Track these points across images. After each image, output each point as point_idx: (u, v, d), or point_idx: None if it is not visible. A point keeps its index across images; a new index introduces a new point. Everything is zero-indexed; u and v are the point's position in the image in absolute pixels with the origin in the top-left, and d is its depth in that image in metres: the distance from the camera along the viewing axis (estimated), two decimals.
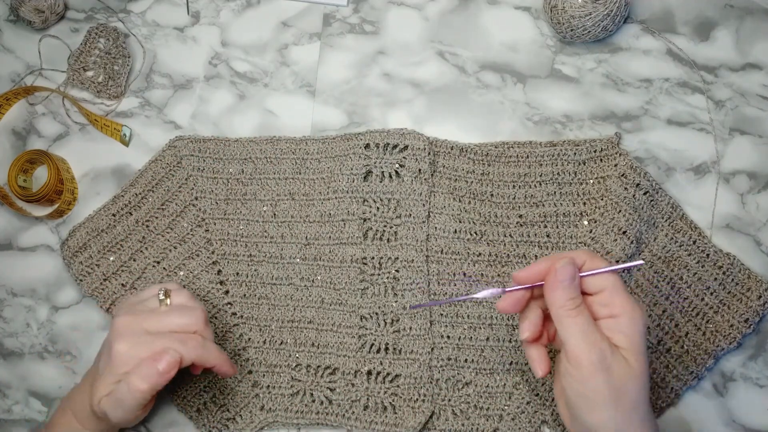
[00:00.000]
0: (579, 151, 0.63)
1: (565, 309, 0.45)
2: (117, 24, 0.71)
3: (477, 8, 0.69)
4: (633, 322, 0.45)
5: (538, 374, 0.50)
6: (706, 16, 0.67)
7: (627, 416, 0.44)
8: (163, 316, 0.54)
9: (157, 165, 0.66)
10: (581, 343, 0.44)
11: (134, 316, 0.54)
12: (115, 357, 0.52)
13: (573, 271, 0.46)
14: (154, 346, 0.52)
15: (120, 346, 0.52)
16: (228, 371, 0.56)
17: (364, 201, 0.63)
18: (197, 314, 0.55)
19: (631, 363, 0.45)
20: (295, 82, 0.69)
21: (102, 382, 0.52)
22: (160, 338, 0.53)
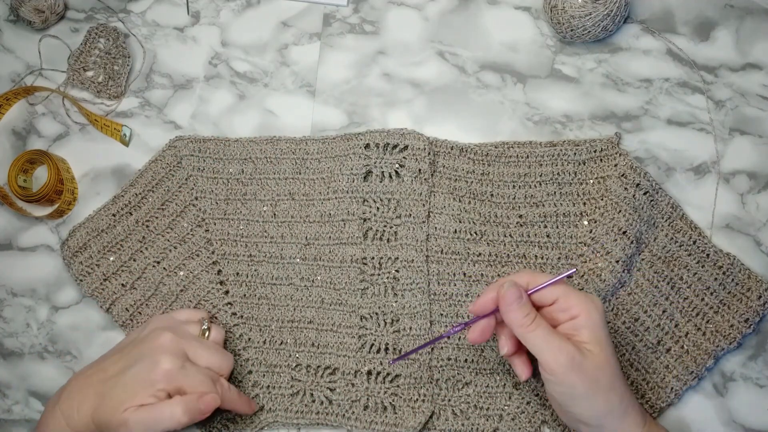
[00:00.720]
0: (579, 151, 0.63)
1: (523, 327, 0.49)
2: (117, 24, 0.71)
3: (477, 8, 0.69)
4: (590, 316, 0.50)
5: (522, 378, 0.55)
6: (706, 16, 0.67)
7: (605, 399, 0.49)
8: (206, 349, 0.56)
9: (157, 165, 0.66)
10: (547, 351, 0.48)
11: (180, 338, 0.55)
12: (159, 372, 0.52)
13: (518, 291, 0.50)
14: (195, 379, 0.53)
15: (167, 362, 0.52)
16: (248, 412, 0.59)
17: (364, 201, 0.63)
18: (230, 360, 0.57)
19: (597, 353, 0.49)
20: (295, 82, 0.69)
21: (131, 391, 0.52)
22: (199, 373, 0.54)
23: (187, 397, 0.52)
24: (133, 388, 0.52)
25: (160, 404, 0.51)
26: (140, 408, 0.51)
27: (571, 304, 0.50)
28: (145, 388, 0.52)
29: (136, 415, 0.51)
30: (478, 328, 0.53)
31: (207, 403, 0.53)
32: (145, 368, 0.52)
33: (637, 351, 0.60)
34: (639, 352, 0.60)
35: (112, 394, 0.52)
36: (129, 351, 0.55)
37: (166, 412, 0.51)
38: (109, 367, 0.54)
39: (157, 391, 0.52)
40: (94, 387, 0.54)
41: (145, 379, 0.52)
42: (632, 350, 0.60)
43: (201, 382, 0.54)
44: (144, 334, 0.56)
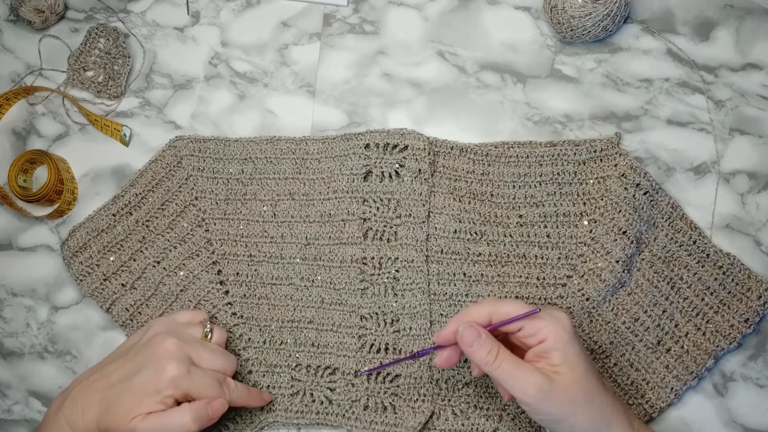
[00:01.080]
0: (579, 151, 0.63)
1: (488, 364, 0.49)
2: (117, 24, 0.71)
3: (477, 8, 0.69)
4: (558, 338, 0.49)
5: (505, 399, 0.56)
6: (706, 16, 0.67)
7: (586, 415, 0.49)
8: (210, 353, 0.55)
9: (157, 165, 0.66)
10: (516, 384, 0.49)
11: (183, 343, 0.54)
12: (165, 378, 0.52)
13: (475, 331, 0.50)
14: (202, 384, 0.53)
15: (173, 369, 0.52)
16: (262, 404, 0.60)
17: (364, 201, 0.63)
18: (234, 361, 0.58)
19: (568, 375, 0.49)
20: (295, 82, 0.69)
21: (138, 398, 0.51)
22: (206, 377, 0.54)
23: (196, 404, 0.52)
24: (139, 395, 0.51)
25: (169, 412, 0.51)
26: (148, 416, 0.51)
27: (537, 327, 0.50)
28: (151, 396, 0.51)
29: (145, 424, 0.51)
30: (444, 355, 0.54)
31: (215, 409, 0.53)
32: (150, 375, 0.52)
33: (637, 351, 0.60)
34: (639, 352, 0.60)
35: (118, 402, 0.52)
36: (133, 356, 0.54)
37: (175, 421, 0.51)
38: (113, 373, 0.54)
39: (164, 398, 0.51)
40: (99, 393, 0.53)
41: (152, 386, 0.52)
42: (632, 350, 0.60)
43: (208, 387, 0.53)
44: (147, 338, 0.56)
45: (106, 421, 0.52)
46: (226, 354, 0.57)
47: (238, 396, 0.56)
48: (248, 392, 0.58)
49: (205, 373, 0.54)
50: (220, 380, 0.55)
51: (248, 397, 0.57)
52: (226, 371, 0.56)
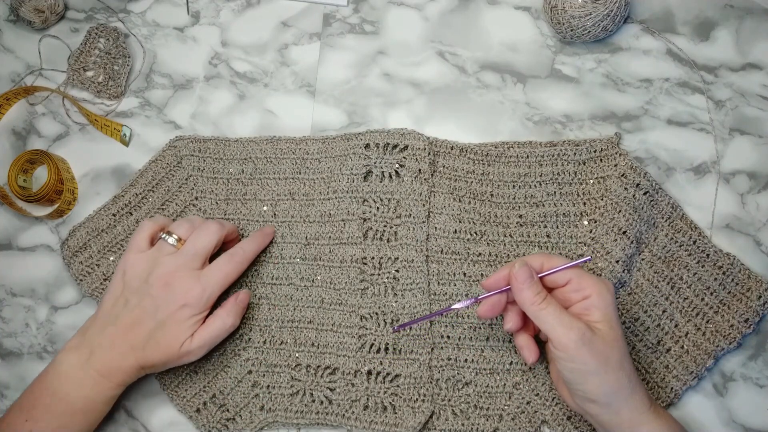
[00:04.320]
0: (579, 151, 0.63)
1: (535, 305, 0.51)
2: (117, 24, 0.71)
3: (477, 8, 0.69)
4: (602, 297, 0.51)
5: (528, 361, 0.56)
6: (706, 16, 0.67)
7: (615, 376, 0.50)
8: (197, 250, 0.58)
9: (157, 165, 0.66)
10: (559, 328, 0.50)
11: (179, 265, 0.57)
12: (188, 306, 0.56)
13: (529, 270, 0.52)
14: (217, 280, 0.57)
15: (189, 295, 0.56)
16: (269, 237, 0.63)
17: (364, 201, 0.63)
18: (219, 225, 0.59)
19: (607, 332, 0.51)
20: (295, 82, 0.69)
21: (177, 332, 0.56)
22: (216, 272, 0.58)
23: (228, 305, 0.59)
24: (175, 329, 0.56)
25: (209, 323, 0.57)
26: (193, 336, 0.57)
27: (584, 284, 0.52)
28: (186, 323, 0.56)
29: (195, 343, 0.57)
30: (488, 303, 0.55)
31: (243, 300, 0.60)
32: (173, 309, 0.56)
33: (637, 351, 0.60)
34: (639, 352, 0.60)
35: (157, 342, 0.56)
36: (139, 303, 0.56)
37: (217, 327, 0.58)
38: (137, 329, 0.56)
39: (198, 318, 0.57)
40: (126, 344, 0.56)
41: (181, 317, 0.56)
42: (632, 350, 0.60)
43: (225, 278, 0.58)
44: (135, 283, 0.57)
45: (152, 360, 0.56)
46: (208, 228, 0.59)
47: (252, 252, 0.61)
48: (256, 242, 0.62)
49: (213, 272, 0.58)
50: (230, 259, 0.59)
51: (261, 243, 0.62)
52: (223, 237, 0.60)
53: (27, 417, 0.54)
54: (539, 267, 0.54)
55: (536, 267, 0.54)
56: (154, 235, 0.59)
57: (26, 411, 0.55)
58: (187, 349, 0.56)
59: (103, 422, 0.60)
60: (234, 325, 0.59)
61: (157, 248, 0.58)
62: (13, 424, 0.55)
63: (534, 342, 0.56)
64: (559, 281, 0.53)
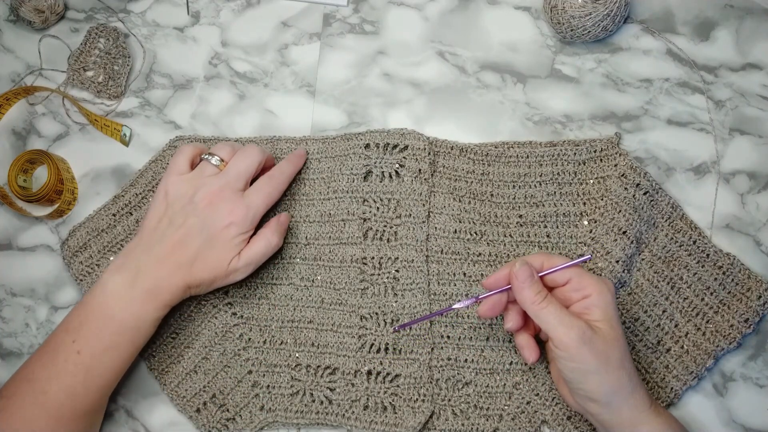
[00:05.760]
0: (579, 151, 0.63)
1: (535, 304, 0.51)
2: (117, 24, 0.71)
3: (477, 8, 0.69)
4: (602, 296, 0.52)
5: (528, 361, 0.56)
6: (706, 16, 0.67)
7: (616, 375, 0.51)
8: (237, 173, 0.58)
9: (157, 165, 0.66)
10: (559, 327, 0.50)
11: (222, 185, 0.57)
12: (234, 226, 0.57)
13: (529, 270, 0.52)
14: (259, 202, 0.58)
15: (233, 216, 0.57)
16: (303, 157, 0.64)
17: (364, 201, 0.63)
18: (254, 150, 0.60)
19: (607, 332, 0.51)
20: (295, 82, 0.69)
21: (225, 251, 0.57)
22: (258, 194, 0.59)
23: (272, 224, 0.60)
24: (222, 248, 0.57)
25: (254, 242, 0.58)
26: (240, 254, 0.57)
27: (584, 284, 0.52)
28: (236, 243, 0.57)
29: (242, 261, 0.57)
30: (489, 302, 0.55)
31: (284, 221, 0.61)
32: (219, 230, 0.56)
33: (637, 351, 0.60)
34: (639, 352, 0.60)
35: (204, 260, 0.56)
36: (183, 222, 0.57)
37: (263, 245, 0.58)
38: (183, 247, 0.56)
39: (244, 239, 0.58)
40: (172, 263, 0.56)
41: (227, 236, 0.57)
42: (632, 350, 0.60)
43: (266, 200, 0.59)
44: (181, 205, 0.57)
45: (200, 277, 0.57)
46: (250, 151, 0.59)
47: (289, 173, 0.62)
48: (292, 163, 0.63)
49: (256, 192, 0.59)
50: (269, 180, 0.60)
51: (297, 164, 0.63)
52: (262, 163, 0.60)
53: (74, 338, 0.54)
54: (539, 266, 0.54)
55: (536, 266, 0.54)
56: (195, 159, 0.60)
57: (72, 332, 0.54)
58: (234, 267, 0.57)
59: (103, 422, 0.60)
60: (278, 244, 0.60)
61: (200, 169, 0.59)
62: (60, 345, 0.54)
63: (534, 342, 0.57)
64: (559, 281, 0.53)
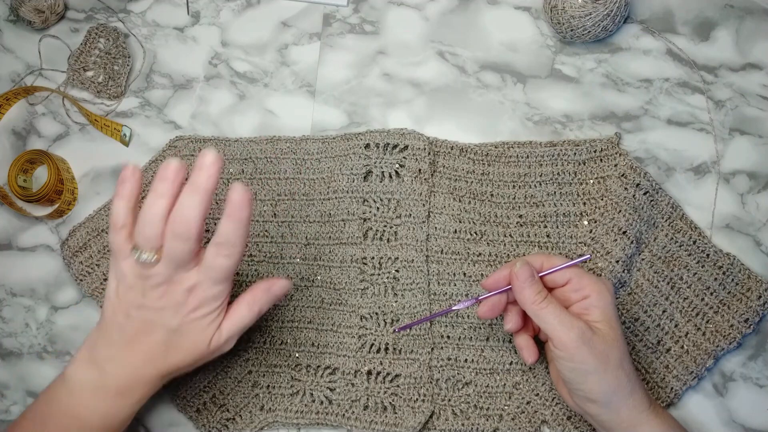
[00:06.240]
0: (579, 151, 0.63)
1: (535, 304, 0.51)
2: (117, 24, 0.71)
3: (477, 8, 0.69)
4: (602, 296, 0.52)
5: (528, 361, 0.56)
6: (706, 16, 0.67)
7: (614, 375, 0.51)
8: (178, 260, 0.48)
9: (157, 165, 0.66)
10: (558, 326, 0.50)
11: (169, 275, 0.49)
12: (190, 304, 0.50)
13: (530, 270, 0.52)
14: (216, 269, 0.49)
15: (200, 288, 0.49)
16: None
17: (364, 201, 0.63)
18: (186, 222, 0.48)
19: (606, 332, 0.51)
20: (295, 82, 0.69)
21: (200, 325, 0.50)
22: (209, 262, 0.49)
23: (257, 292, 0.53)
24: (198, 330, 0.51)
25: (235, 310, 0.52)
26: (220, 328, 0.52)
27: (584, 284, 0.52)
28: (209, 321, 0.51)
29: (224, 335, 0.52)
30: (488, 303, 0.55)
31: (275, 292, 0.54)
32: (190, 314, 0.50)
33: (637, 351, 0.60)
34: (639, 352, 0.60)
35: (180, 346, 0.51)
36: (147, 318, 0.50)
37: (244, 315, 0.52)
38: (147, 338, 0.50)
39: (219, 312, 0.51)
40: (144, 356, 0.51)
41: (200, 317, 0.50)
42: (632, 350, 0.60)
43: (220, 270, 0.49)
44: (132, 298, 0.50)
45: (177, 364, 0.51)
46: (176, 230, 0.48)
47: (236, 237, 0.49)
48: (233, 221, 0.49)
49: (209, 263, 0.49)
50: (217, 251, 0.49)
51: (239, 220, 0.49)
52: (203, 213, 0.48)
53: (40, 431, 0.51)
54: (539, 266, 0.54)
55: (536, 266, 0.54)
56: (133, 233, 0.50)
57: (39, 424, 0.51)
58: (217, 343, 0.52)
59: None
60: (261, 312, 0.53)
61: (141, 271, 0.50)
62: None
63: (534, 342, 0.57)
64: (559, 281, 0.54)
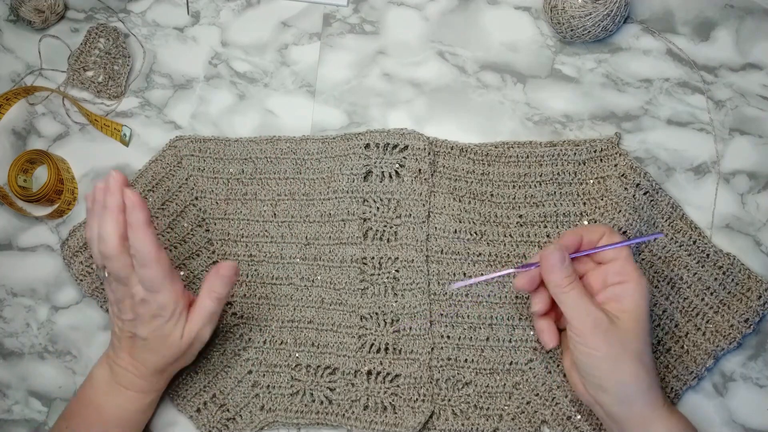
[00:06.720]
0: (579, 151, 0.63)
1: (559, 287, 0.52)
2: (117, 24, 0.71)
3: (477, 8, 0.69)
4: (639, 287, 0.52)
5: (547, 345, 0.56)
6: (706, 16, 0.67)
7: (631, 367, 0.50)
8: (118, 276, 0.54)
9: (158, 165, 0.66)
10: (576, 311, 0.51)
11: (117, 297, 0.55)
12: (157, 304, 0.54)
13: (560, 255, 0.52)
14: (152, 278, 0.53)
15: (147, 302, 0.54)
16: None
17: (364, 201, 0.63)
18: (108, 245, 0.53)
19: (629, 323, 0.51)
20: (295, 82, 0.69)
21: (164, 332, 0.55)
22: (144, 274, 0.53)
23: (206, 287, 0.56)
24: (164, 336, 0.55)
25: (195, 304, 0.56)
26: (189, 318, 0.55)
27: (627, 270, 0.52)
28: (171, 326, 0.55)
29: (193, 326, 0.55)
30: (528, 275, 0.55)
31: (225, 274, 0.56)
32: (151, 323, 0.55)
33: None
34: None
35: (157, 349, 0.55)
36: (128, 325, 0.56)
37: (200, 317, 0.56)
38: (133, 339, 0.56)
39: (179, 316, 0.55)
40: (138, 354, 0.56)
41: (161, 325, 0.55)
42: None
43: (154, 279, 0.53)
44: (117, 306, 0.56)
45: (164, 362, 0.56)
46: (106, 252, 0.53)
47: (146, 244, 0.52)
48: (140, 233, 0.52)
49: (146, 275, 0.53)
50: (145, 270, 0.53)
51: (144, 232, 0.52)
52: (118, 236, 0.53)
53: (67, 425, 0.57)
54: (597, 239, 0.54)
55: (594, 239, 0.54)
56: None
57: (67, 419, 0.57)
58: (189, 337, 0.55)
59: None
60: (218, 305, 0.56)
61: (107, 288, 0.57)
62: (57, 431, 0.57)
63: (555, 328, 0.56)
64: (606, 258, 0.53)
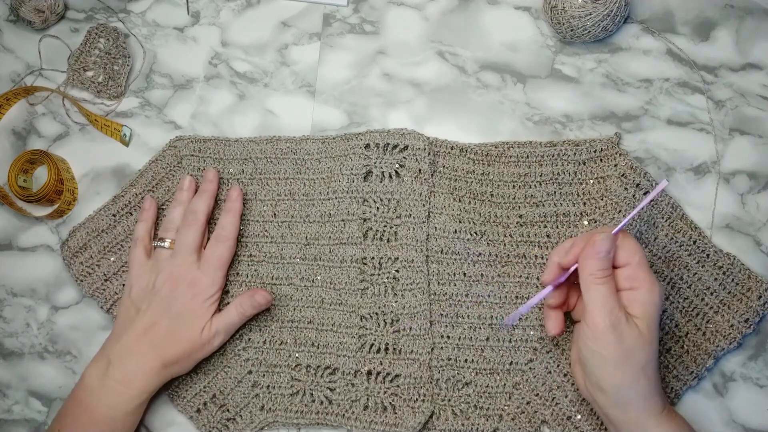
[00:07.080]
0: (579, 151, 0.63)
1: (594, 277, 0.50)
2: (117, 24, 0.71)
3: (477, 8, 0.69)
4: (651, 294, 0.51)
5: (550, 332, 0.56)
6: (706, 16, 0.67)
7: (633, 375, 0.50)
8: (187, 247, 0.60)
9: (158, 165, 0.66)
10: (600, 308, 0.50)
11: (176, 263, 0.60)
12: (204, 287, 0.59)
13: (609, 245, 0.51)
14: (213, 262, 0.61)
15: (200, 279, 0.60)
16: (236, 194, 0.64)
17: (364, 201, 0.63)
18: (192, 221, 0.61)
19: (642, 331, 0.50)
20: (295, 82, 0.69)
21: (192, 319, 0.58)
22: (209, 255, 0.61)
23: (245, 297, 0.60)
24: (194, 317, 0.59)
25: (226, 309, 0.60)
26: (214, 318, 0.59)
27: (640, 275, 0.51)
28: (204, 309, 0.59)
29: (213, 328, 0.59)
30: (556, 318, 0.55)
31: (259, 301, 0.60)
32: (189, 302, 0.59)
33: None
34: None
35: (177, 334, 0.58)
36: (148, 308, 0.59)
37: (233, 314, 0.60)
38: (153, 329, 0.58)
39: (212, 303, 0.60)
40: (144, 345, 0.58)
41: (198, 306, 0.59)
42: None
43: (218, 261, 0.60)
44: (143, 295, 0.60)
45: (175, 353, 0.58)
46: (188, 223, 0.61)
47: (231, 228, 0.62)
48: (230, 215, 0.63)
49: (208, 259, 0.60)
50: (215, 242, 0.61)
51: (234, 214, 0.63)
52: (206, 217, 0.62)
53: (60, 426, 0.57)
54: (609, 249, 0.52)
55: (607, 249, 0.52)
56: (148, 247, 0.62)
57: (60, 420, 0.58)
58: (207, 336, 0.58)
59: None
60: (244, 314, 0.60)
61: (155, 257, 0.61)
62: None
63: (563, 317, 0.56)
64: (619, 261, 0.52)
